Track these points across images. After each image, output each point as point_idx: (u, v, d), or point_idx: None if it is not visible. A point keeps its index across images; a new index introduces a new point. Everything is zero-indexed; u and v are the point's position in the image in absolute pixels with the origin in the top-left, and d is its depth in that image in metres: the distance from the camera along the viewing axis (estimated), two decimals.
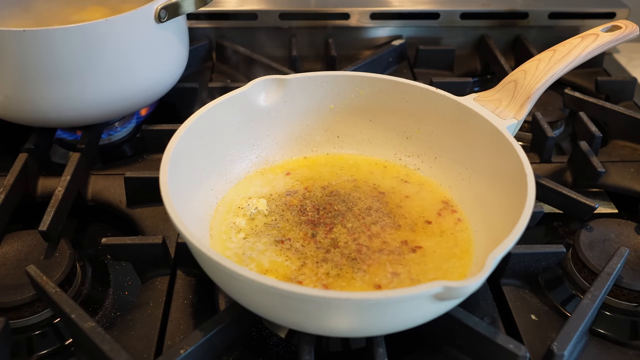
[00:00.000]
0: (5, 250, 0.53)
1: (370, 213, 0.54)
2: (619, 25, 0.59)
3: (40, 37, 0.57)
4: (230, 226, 0.53)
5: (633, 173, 0.66)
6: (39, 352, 0.48)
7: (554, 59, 0.57)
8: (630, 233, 0.56)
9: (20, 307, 0.49)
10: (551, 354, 0.44)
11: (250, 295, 0.42)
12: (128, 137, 0.74)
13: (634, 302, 0.52)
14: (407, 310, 0.40)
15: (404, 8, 0.91)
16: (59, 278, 0.50)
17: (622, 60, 0.94)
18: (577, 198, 0.58)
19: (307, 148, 0.62)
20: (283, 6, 0.90)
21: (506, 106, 0.55)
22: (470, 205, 0.55)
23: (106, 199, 0.62)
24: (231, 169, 0.57)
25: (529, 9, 0.92)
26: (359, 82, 0.60)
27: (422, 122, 0.59)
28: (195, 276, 0.52)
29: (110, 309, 0.52)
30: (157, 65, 0.66)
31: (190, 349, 0.43)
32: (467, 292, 0.38)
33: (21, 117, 0.64)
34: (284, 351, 0.48)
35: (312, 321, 0.41)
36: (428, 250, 0.51)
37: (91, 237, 0.61)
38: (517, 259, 0.52)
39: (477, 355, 0.46)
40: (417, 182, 0.59)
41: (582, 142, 0.66)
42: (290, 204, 0.55)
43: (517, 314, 0.50)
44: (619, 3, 0.93)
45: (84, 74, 0.60)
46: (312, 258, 0.49)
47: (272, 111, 0.59)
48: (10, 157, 0.62)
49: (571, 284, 0.55)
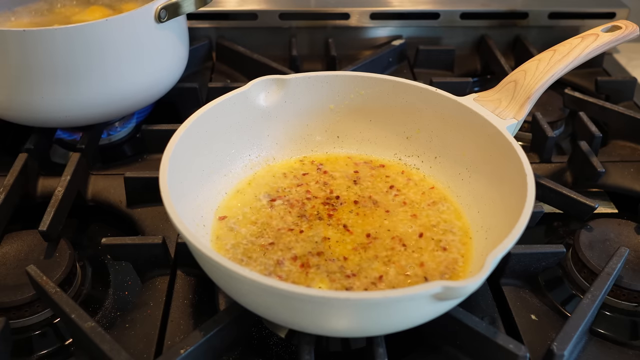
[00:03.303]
0: (5, 250, 0.53)
1: (370, 213, 0.54)
2: (619, 26, 0.59)
3: (40, 37, 0.57)
4: (230, 226, 0.53)
5: (633, 173, 0.66)
6: (39, 352, 0.48)
7: (554, 59, 0.57)
8: (630, 233, 0.56)
9: (20, 307, 0.49)
10: (551, 354, 0.44)
11: (250, 295, 0.42)
12: (128, 137, 0.74)
13: (634, 302, 0.52)
14: (407, 310, 0.40)
15: (404, 8, 0.91)
16: (59, 278, 0.50)
17: (622, 60, 0.94)
18: (577, 198, 0.58)
19: (307, 148, 0.62)
20: (283, 6, 0.90)
21: (506, 106, 0.55)
22: (470, 205, 0.55)
23: (106, 199, 0.62)
24: (231, 168, 0.57)
25: (529, 9, 0.92)
26: (359, 82, 0.60)
27: (422, 122, 0.59)
28: (195, 276, 0.52)
29: (110, 309, 0.52)
30: (157, 65, 0.66)
31: (190, 349, 0.43)
32: (467, 292, 0.38)
33: (21, 117, 0.64)
34: (284, 351, 0.48)
35: (312, 321, 0.41)
36: (427, 249, 0.51)
37: (91, 237, 0.61)
38: (517, 259, 0.52)
39: (477, 355, 0.46)
40: (417, 182, 0.59)
41: (582, 142, 0.66)
42: (290, 204, 0.55)
43: (517, 314, 0.50)
44: (619, 3, 0.93)
45: (84, 74, 0.60)
46: (312, 258, 0.49)
47: (272, 111, 0.59)
48: (10, 157, 0.62)
49: (571, 284, 0.55)
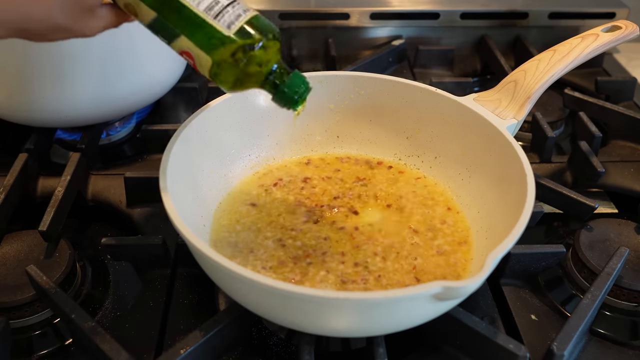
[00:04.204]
0: (5, 250, 0.53)
1: (371, 213, 0.54)
2: (619, 26, 0.59)
3: None
4: (230, 226, 0.53)
5: (633, 173, 0.66)
6: (39, 352, 0.48)
7: (554, 59, 0.57)
8: (630, 233, 0.56)
9: (20, 307, 0.49)
10: (551, 354, 0.44)
11: (250, 295, 0.42)
12: (128, 137, 0.74)
13: (634, 302, 0.52)
14: (407, 310, 0.40)
15: (404, 8, 0.91)
16: (59, 278, 0.50)
17: (622, 60, 0.94)
18: (577, 198, 0.58)
19: (307, 148, 0.62)
20: (283, 6, 0.90)
21: (506, 106, 0.55)
22: (470, 205, 0.55)
23: (106, 199, 0.62)
24: (231, 168, 0.57)
25: (529, 9, 0.92)
26: (359, 82, 0.60)
27: (422, 122, 0.59)
28: (195, 276, 0.52)
29: (110, 309, 0.52)
30: (157, 65, 0.66)
31: (190, 349, 0.43)
32: (467, 292, 0.38)
33: (21, 117, 0.64)
34: (284, 351, 0.48)
35: (312, 321, 0.41)
36: (426, 249, 0.51)
37: (91, 237, 0.61)
38: (517, 259, 0.52)
39: (477, 355, 0.46)
40: (417, 182, 0.59)
41: (582, 142, 0.66)
42: (291, 203, 0.55)
43: (517, 314, 0.50)
44: (619, 3, 0.93)
45: (84, 74, 0.60)
46: (312, 258, 0.49)
47: (272, 111, 0.59)
48: (10, 157, 0.62)
49: (571, 284, 0.55)
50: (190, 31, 0.42)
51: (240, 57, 0.42)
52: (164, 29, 0.43)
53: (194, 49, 0.42)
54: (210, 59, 0.42)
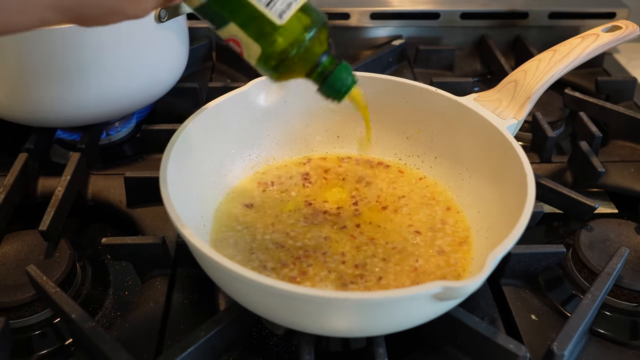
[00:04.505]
0: (5, 250, 0.53)
1: (370, 213, 0.54)
2: (619, 26, 0.59)
3: (39, 37, 0.57)
4: (230, 226, 0.53)
5: (633, 173, 0.66)
6: (39, 352, 0.48)
7: (554, 59, 0.57)
8: (630, 233, 0.56)
9: (20, 307, 0.49)
10: (551, 354, 0.44)
11: (250, 295, 0.42)
12: (128, 137, 0.74)
13: (634, 302, 0.52)
14: (407, 310, 0.40)
15: (404, 8, 0.91)
16: (59, 278, 0.50)
17: (622, 60, 0.94)
18: (577, 198, 0.58)
19: (307, 148, 0.62)
20: None
21: (506, 106, 0.55)
22: (470, 205, 0.55)
23: (106, 199, 0.62)
24: (231, 168, 0.57)
25: (529, 9, 0.92)
26: (359, 82, 0.59)
27: (422, 122, 0.59)
28: (195, 276, 0.52)
29: (110, 309, 0.52)
30: (157, 65, 0.66)
31: (190, 349, 0.43)
32: (467, 292, 0.38)
33: (21, 117, 0.64)
34: (284, 351, 0.48)
35: (312, 321, 0.41)
36: (426, 250, 0.51)
37: (91, 237, 0.61)
38: (517, 259, 0.52)
39: (477, 355, 0.46)
40: (417, 182, 0.59)
41: (582, 142, 0.66)
42: (291, 204, 0.55)
43: (517, 314, 0.50)
44: (619, 3, 0.93)
45: (84, 74, 0.60)
46: (312, 258, 0.49)
47: (272, 111, 0.59)
48: (10, 157, 0.62)
49: (571, 284, 0.55)
50: (240, 19, 0.40)
51: (291, 48, 0.40)
52: (212, 14, 0.41)
53: (243, 37, 0.41)
54: (260, 48, 0.40)
